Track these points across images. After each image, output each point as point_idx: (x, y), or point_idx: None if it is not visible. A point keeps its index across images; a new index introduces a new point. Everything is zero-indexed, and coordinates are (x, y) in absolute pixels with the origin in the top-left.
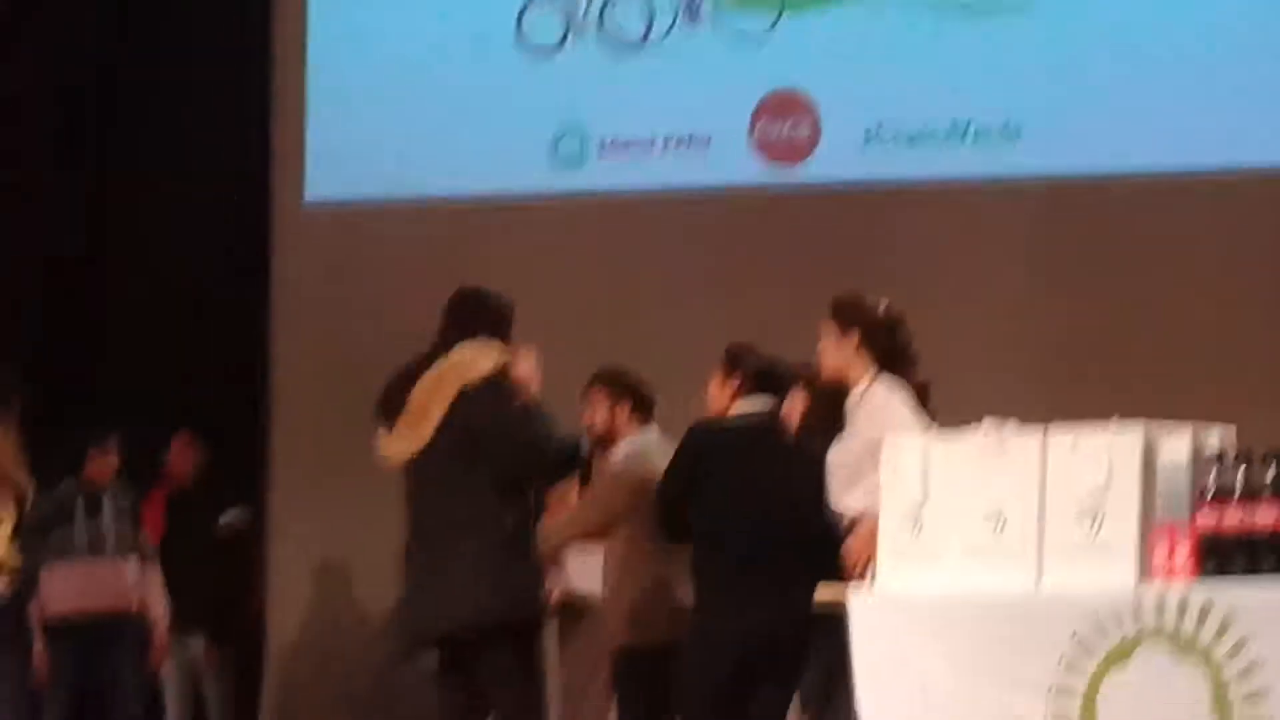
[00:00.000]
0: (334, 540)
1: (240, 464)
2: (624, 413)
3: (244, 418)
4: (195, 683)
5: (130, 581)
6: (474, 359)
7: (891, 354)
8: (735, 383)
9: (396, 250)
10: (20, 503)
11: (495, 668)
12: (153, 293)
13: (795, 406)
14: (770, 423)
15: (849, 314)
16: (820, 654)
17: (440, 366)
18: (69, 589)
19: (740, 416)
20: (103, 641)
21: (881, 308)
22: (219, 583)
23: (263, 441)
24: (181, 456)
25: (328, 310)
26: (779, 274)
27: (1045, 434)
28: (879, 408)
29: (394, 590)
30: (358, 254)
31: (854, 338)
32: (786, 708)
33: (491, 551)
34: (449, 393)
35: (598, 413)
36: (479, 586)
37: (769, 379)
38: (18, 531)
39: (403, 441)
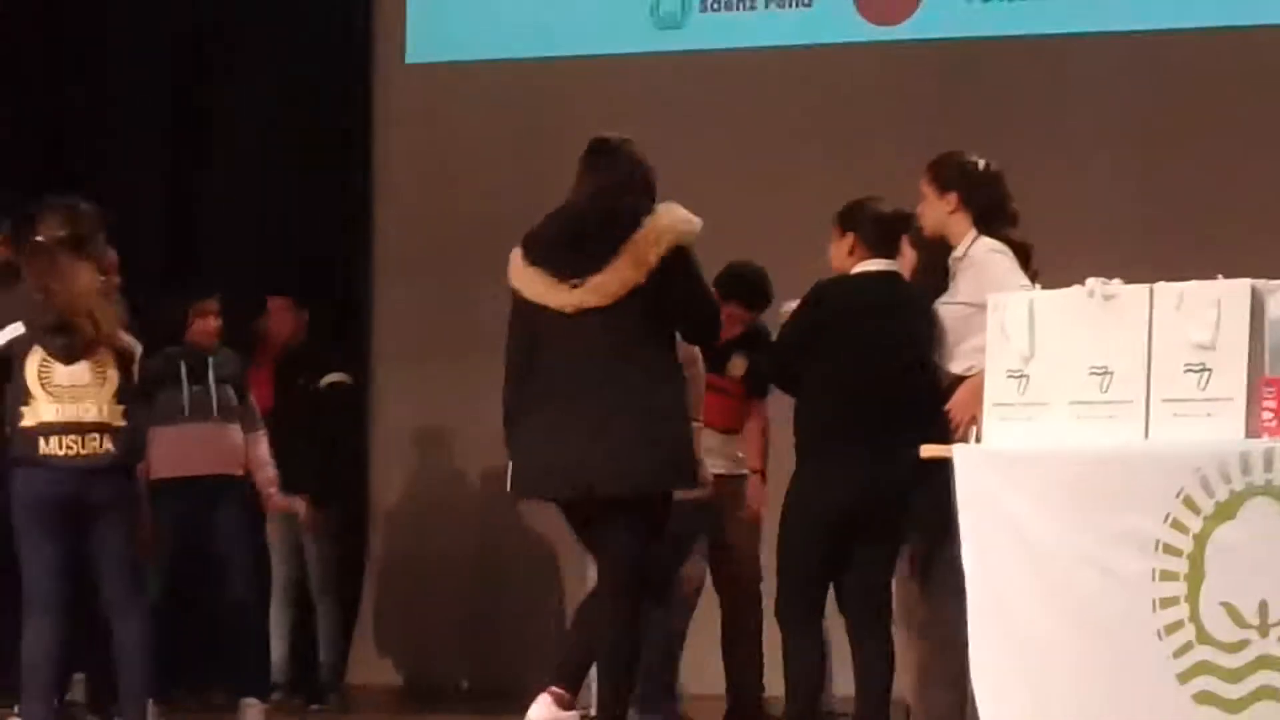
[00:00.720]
0: (435, 403)
1: (345, 328)
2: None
3: (348, 282)
4: (300, 545)
5: (235, 445)
6: (674, 223)
7: (991, 213)
8: (851, 241)
9: (498, 111)
10: (127, 366)
11: (634, 531)
12: (256, 156)
13: (906, 264)
14: (890, 281)
15: (948, 173)
16: (925, 509)
17: (648, 225)
18: (175, 453)
19: (861, 275)
20: (208, 504)
21: (981, 166)
22: (323, 446)
23: (366, 305)
24: (282, 320)
25: (429, 172)
26: (884, 132)
27: (1152, 288)
28: (979, 267)
29: (494, 453)
30: (459, 115)
31: (953, 197)
32: (892, 562)
33: (663, 415)
34: (651, 254)
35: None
36: (650, 449)
37: (885, 236)
38: (123, 394)
39: (588, 295)
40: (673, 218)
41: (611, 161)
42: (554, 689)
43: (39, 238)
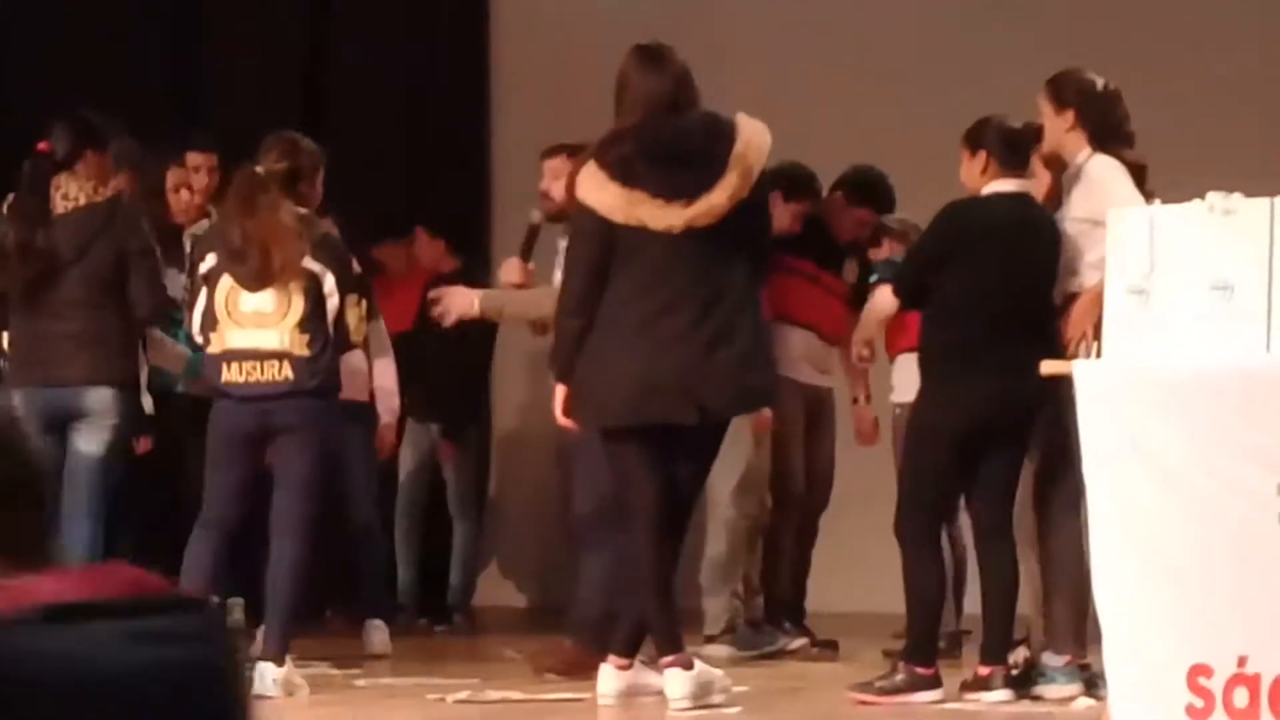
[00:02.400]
0: None
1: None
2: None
3: (469, 211)
4: (433, 470)
5: (360, 370)
6: (763, 135)
7: (1107, 132)
8: (983, 160)
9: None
10: (316, 295)
11: (706, 454)
12: (374, 86)
13: (1041, 186)
14: (1021, 201)
15: (1065, 90)
16: (1046, 426)
17: (744, 137)
18: None
19: (992, 195)
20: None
21: (1099, 85)
22: (461, 373)
23: (486, 235)
24: (430, 249)
25: (548, 92)
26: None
27: (1273, 201)
28: (1092, 183)
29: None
30: (578, 36)
31: (1070, 114)
32: (1016, 476)
33: (765, 333)
34: (756, 167)
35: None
36: (760, 369)
37: (1015, 152)
38: (308, 323)
39: (700, 213)
40: (757, 128)
41: (680, 71)
42: (616, 659)
43: (258, 168)
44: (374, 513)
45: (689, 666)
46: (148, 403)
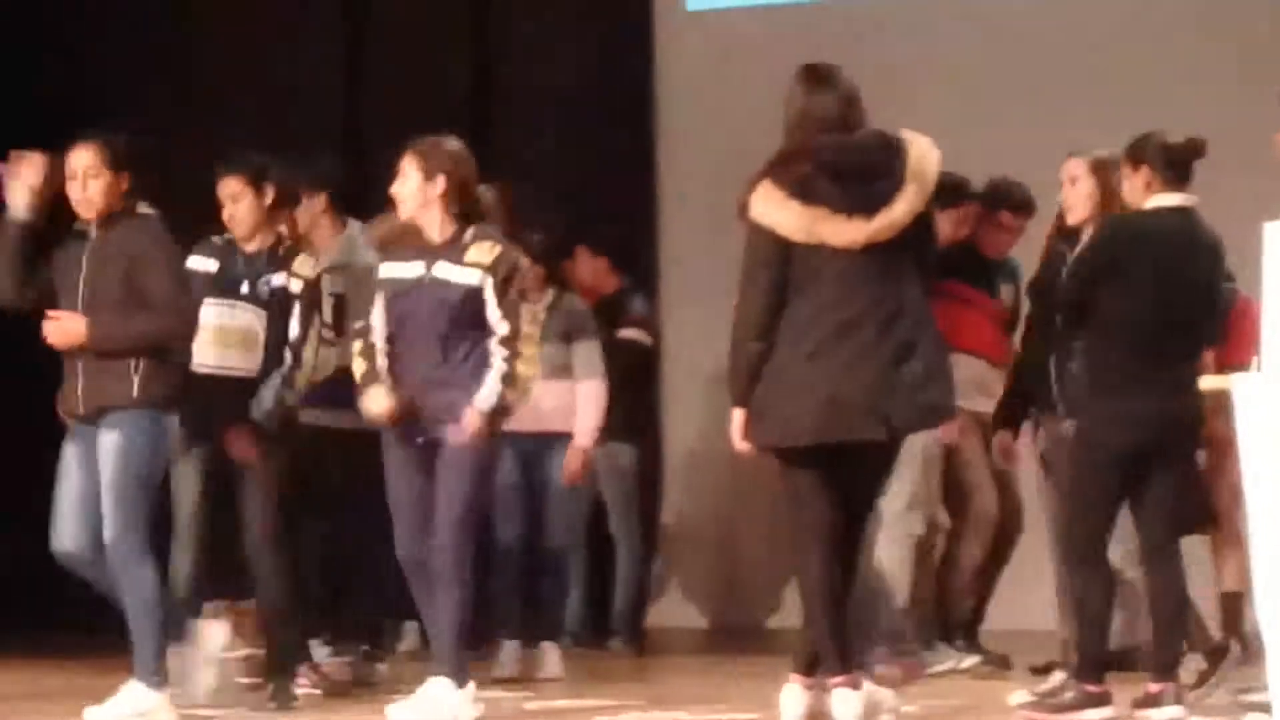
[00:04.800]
0: (724, 347)
1: (634, 278)
2: None
3: (634, 230)
4: (596, 488)
5: (562, 401)
6: (932, 150)
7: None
8: (1146, 175)
9: (779, 55)
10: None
11: (882, 472)
12: (544, 110)
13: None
14: (1183, 215)
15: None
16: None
17: (916, 152)
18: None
19: (1154, 210)
20: (539, 456)
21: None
22: (621, 390)
23: (652, 253)
24: (586, 269)
25: (711, 117)
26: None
27: None
28: None
29: None
30: (741, 60)
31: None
32: (1181, 494)
33: (943, 347)
34: (930, 182)
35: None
36: (941, 382)
37: (1177, 168)
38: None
39: (880, 228)
40: (926, 144)
41: (848, 90)
42: (843, 678)
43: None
44: (568, 538)
45: (858, 687)
46: None
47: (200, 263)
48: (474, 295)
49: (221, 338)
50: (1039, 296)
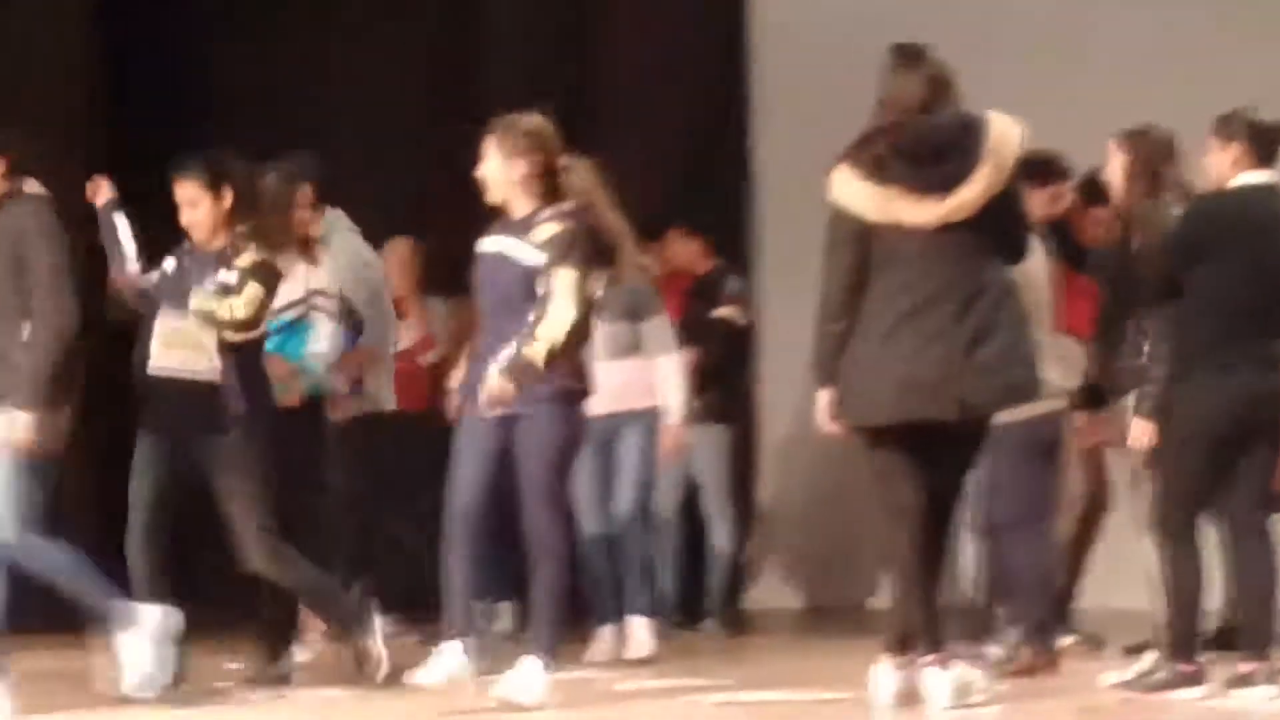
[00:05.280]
0: None
1: (731, 257)
2: None
3: (729, 209)
4: (687, 469)
5: (630, 379)
6: (1015, 131)
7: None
8: (1233, 152)
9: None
10: None
11: (969, 453)
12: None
13: None
14: (1269, 193)
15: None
16: None
17: (995, 132)
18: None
19: (1240, 188)
20: (613, 437)
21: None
22: (716, 370)
23: (748, 233)
24: (680, 250)
25: (811, 92)
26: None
27: None
28: None
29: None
30: (836, 34)
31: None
32: (1270, 473)
33: (1024, 328)
34: (1008, 163)
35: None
36: (1019, 364)
37: (1264, 146)
38: None
39: (954, 208)
40: (1008, 124)
41: (934, 71)
42: (933, 656)
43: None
44: (640, 516)
45: (948, 665)
46: None
47: (166, 264)
48: (534, 274)
49: (176, 340)
50: (1117, 275)
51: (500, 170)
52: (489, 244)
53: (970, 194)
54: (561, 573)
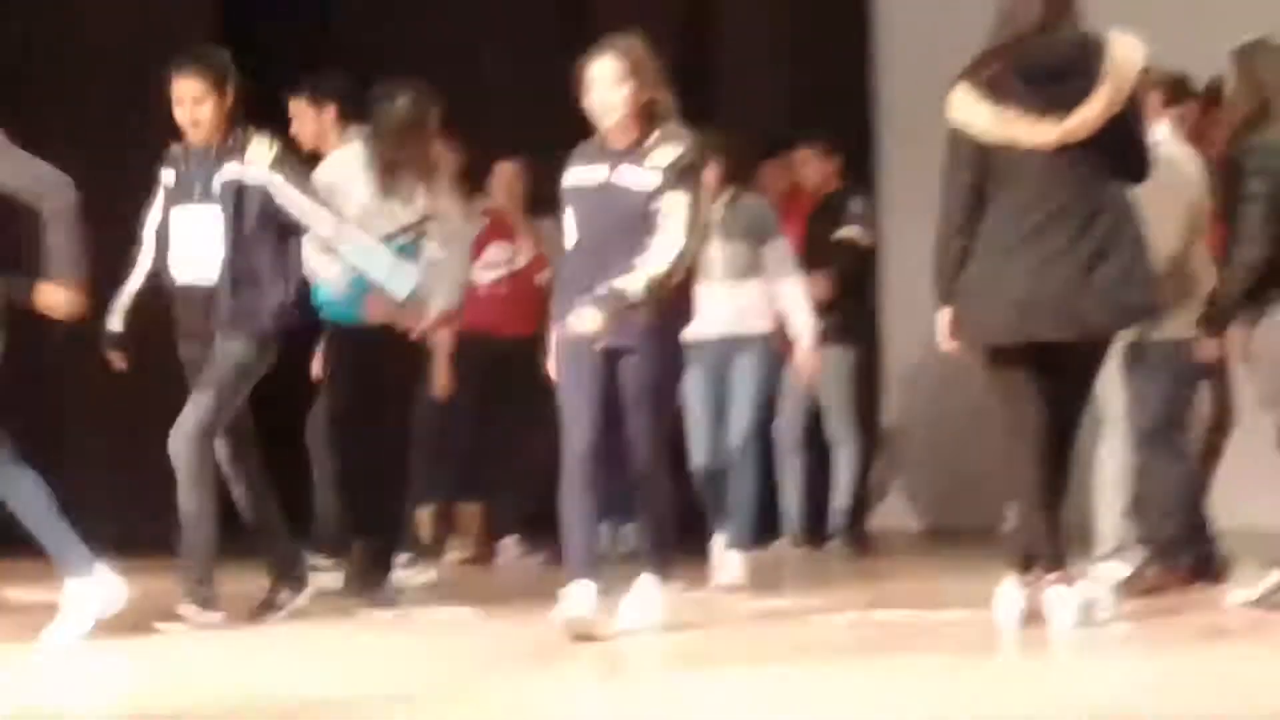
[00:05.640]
0: None
1: (855, 175)
2: None
3: (854, 129)
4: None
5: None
6: (1136, 50)
7: None
8: None
9: None
10: None
11: (1089, 373)
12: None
13: None
14: None
15: None
16: None
17: (1116, 52)
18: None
19: None
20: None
21: None
22: (840, 291)
23: (873, 153)
24: (814, 170)
25: (933, 10)
26: None
27: None
28: None
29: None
30: None
31: None
32: None
33: (1144, 249)
34: (1127, 82)
35: None
36: (1140, 285)
37: None
38: None
39: (1072, 127)
40: (1130, 43)
41: None
42: (1057, 575)
43: None
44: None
45: (1072, 584)
46: None
47: (163, 176)
48: (651, 199)
49: (189, 247)
50: (1243, 194)
51: (611, 95)
52: (591, 174)
53: (1089, 114)
54: (670, 498)
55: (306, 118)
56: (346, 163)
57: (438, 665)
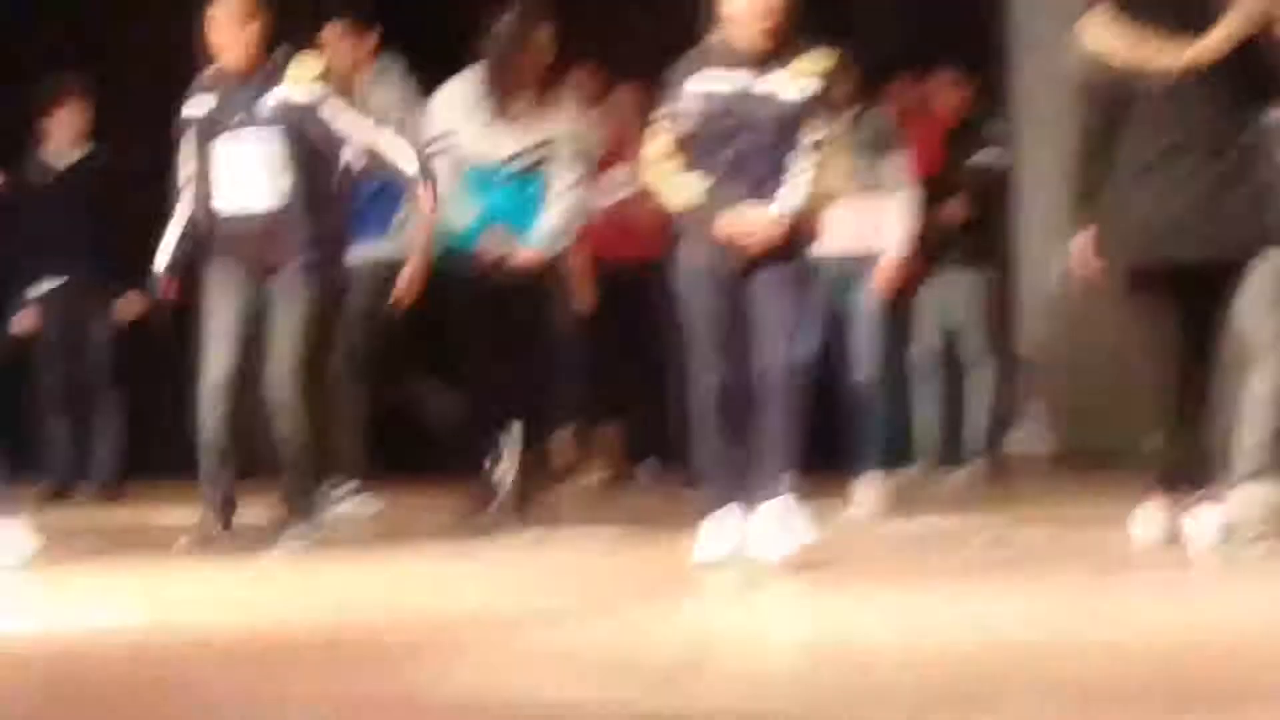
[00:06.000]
0: None
1: (989, 100)
2: None
3: (989, 52)
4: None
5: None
6: None
7: None
8: None
9: None
10: None
11: (1224, 293)
12: None
13: None
14: None
15: None
16: None
17: None
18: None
19: None
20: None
21: None
22: (975, 215)
23: (1008, 75)
24: (949, 95)
25: None
26: None
27: None
28: None
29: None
30: None
31: None
32: None
33: (1273, 176)
34: (1259, 8)
35: None
36: (1264, 207)
37: None
38: None
39: (1202, 51)
40: None
41: None
42: (1197, 496)
43: None
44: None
45: (1217, 504)
46: None
47: (196, 106)
48: (799, 107)
49: (237, 174)
50: None
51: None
52: (728, 81)
53: (1219, 37)
54: (808, 418)
55: (343, 46)
56: (458, 91)
57: (577, 583)
